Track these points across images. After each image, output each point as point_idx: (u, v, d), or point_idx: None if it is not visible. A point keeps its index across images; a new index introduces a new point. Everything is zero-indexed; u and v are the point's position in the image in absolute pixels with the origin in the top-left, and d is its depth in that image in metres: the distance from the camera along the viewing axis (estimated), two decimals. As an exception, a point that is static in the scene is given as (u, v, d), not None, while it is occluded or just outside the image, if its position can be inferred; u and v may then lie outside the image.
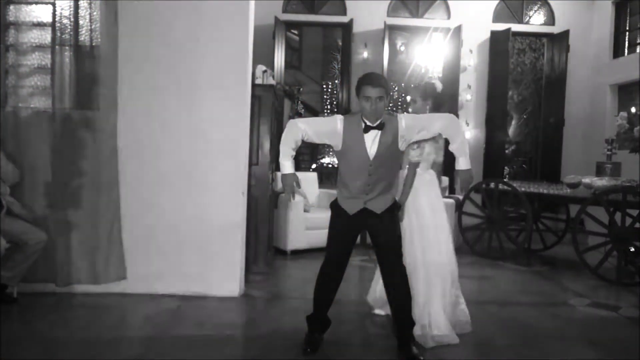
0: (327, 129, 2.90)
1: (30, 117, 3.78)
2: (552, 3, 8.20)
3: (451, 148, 2.92)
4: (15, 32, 3.82)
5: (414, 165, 3.40)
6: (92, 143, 3.76)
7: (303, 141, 2.93)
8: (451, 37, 7.99)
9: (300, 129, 2.87)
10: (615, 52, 7.86)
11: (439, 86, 3.61)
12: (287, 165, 2.90)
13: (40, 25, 3.83)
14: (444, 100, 3.48)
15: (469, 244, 6.04)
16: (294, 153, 2.91)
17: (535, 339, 3.37)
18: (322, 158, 8.98)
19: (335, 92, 9.67)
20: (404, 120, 2.85)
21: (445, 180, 6.46)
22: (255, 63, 4.37)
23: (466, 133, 8.06)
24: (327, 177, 8.38)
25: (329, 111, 9.72)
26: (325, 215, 3.23)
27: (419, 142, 3.24)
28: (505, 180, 6.79)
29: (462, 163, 2.91)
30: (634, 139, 5.47)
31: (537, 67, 8.91)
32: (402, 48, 9.08)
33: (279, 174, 6.09)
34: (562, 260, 5.96)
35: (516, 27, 8.03)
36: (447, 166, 7.63)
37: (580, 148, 8.06)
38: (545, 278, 5.09)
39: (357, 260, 5.37)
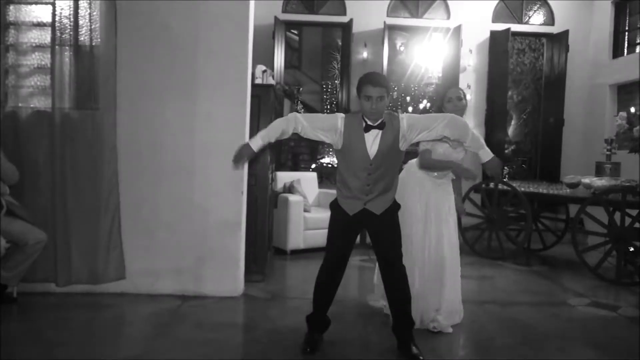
0: (326, 124, 2.89)
1: (30, 117, 3.77)
2: (551, 3, 8.21)
3: (466, 146, 2.94)
4: (15, 32, 3.81)
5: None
6: (91, 143, 3.76)
7: (302, 139, 2.93)
8: (451, 37, 8.00)
9: (297, 122, 2.86)
10: (614, 52, 7.86)
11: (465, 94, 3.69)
12: (257, 142, 2.86)
13: (40, 25, 3.83)
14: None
15: (469, 244, 6.04)
16: (272, 140, 2.90)
17: (535, 339, 3.37)
18: (321, 158, 8.98)
19: (335, 92, 9.68)
20: (405, 120, 2.85)
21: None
22: (255, 63, 4.37)
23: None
24: (326, 177, 8.38)
25: (328, 111, 9.73)
26: (325, 216, 3.24)
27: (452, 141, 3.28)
28: (505, 180, 6.79)
29: (483, 155, 2.88)
30: (633, 138, 5.48)
31: (536, 67, 8.93)
32: (402, 48, 9.09)
33: (279, 174, 6.13)
34: (562, 260, 5.96)
35: (516, 27, 8.04)
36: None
37: (579, 148, 8.07)
38: (545, 278, 5.09)
39: (357, 260, 5.37)
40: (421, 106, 9.07)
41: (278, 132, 2.88)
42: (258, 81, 4.52)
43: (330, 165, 8.69)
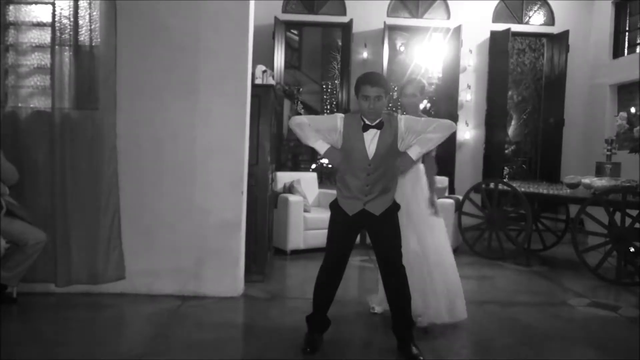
0: (327, 125, 2.91)
1: (30, 117, 3.77)
2: (551, 3, 8.21)
3: (423, 135, 2.86)
4: (15, 32, 3.81)
5: (432, 159, 3.49)
6: (91, 143, 3.76)
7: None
8: (451, 37, 7.99)
9: (303, 121, 2.91)
10: (615, 52, 7.86)
11: (427, 84, 3.67)
12: (320, 144, 2.89)
13: (40, 25, 3.82)
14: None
15: (469, 244, 6.04)
16: (318, 134, 2.90)
17: (535, 339, 3.37)
18: (321, 158, 8.98)
19: (334, 92, 9.68)
20: (403, 122, 2.86)
21: (445, 180, 6.47)
22: (255, 63, 4.37)
23: (466, 133, 8.07)
24: (327, 177, 8.38)
25: (328, 111, 9.73)
26: (325, 216, 3.23)
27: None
28: (505, 180, 6.79)
29: (413, 151, 2.86)
30: (633, 139, 5.47)
31: (536, 67, 8.92)
32: (402, 48, 9.09)
33: (278, 174, 6.12)
34: (562, 260, 5.96)
35: (516, 27, 8.04)
36: (447, 165, 7.65)
37: (580, 148, 8.07)
38: (545, 278, 5.09)
39: (357, 260, 5.37)
40: (421, 106, 9.06)
41: (311, 129, 2.89)
42: (258, 81, 4.53)
43: (330, 166, 8.70)
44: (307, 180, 6.40)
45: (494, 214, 5.86)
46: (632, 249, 4.87)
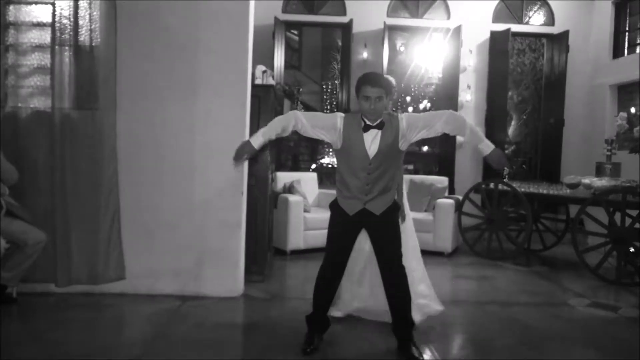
0: (326, 123, 2.91)
1: (30, 117, 3.77)
2: (551, 3, 8.20)
3: (465, 141, 2.93)
4: (15, 32, 3.81)
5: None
6: (91, 143, 3.76)
7: (302, 139, 2.95)
8: (451, 37, 7.99)
9: (297, 119, 2.89)
10: (615, 52, 7.86)
11: (393, 80, 3.65)
12: (257, 139, 2.89)
13: (40, 25, 3.83)
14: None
15: (469, 244, 6.04)
16: (273, 137, 2.92)
17: (535, 339, 3.37)
18: (321, 158, 8.99)
19: (334, 92, 9.69)
20: (405, 120, 2.86)
21: (445, 180, 6.47)
22: (255, 63, 4.37)
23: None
24: (326, 177, 8.38)
25: (328, 111, 9.73)
26: (325, 216, 3.23)
27: None
28: (505, 180, 6.79)
29: (484, 148, 2.89)
30: (633, 139, 5.48)
31: (536, 67, 8.93)
32: (402, 48, 9.10)
33: (279, 174, 6.13)
34: (562, 261, 5.96)
35: (516, 28, 8.03)
36: (447, 165, 7.65)
37: (580, 148, 8.06)
38: (545, 278, 5.09)
39: (357, 261, 5.36)
40: (421, 106, 9.08)
41: (278, 129, 2.91)
42: (258, 81, 4.53)
43: (330, 166, 8.70)
44: (307, 180, 6.39)
45: (494, 214, 5.86)
46: (632, 249, 4.87)
